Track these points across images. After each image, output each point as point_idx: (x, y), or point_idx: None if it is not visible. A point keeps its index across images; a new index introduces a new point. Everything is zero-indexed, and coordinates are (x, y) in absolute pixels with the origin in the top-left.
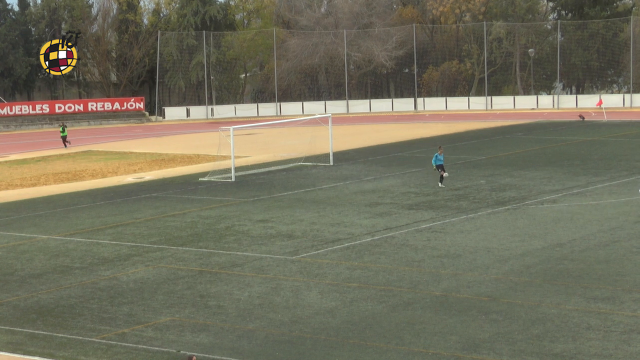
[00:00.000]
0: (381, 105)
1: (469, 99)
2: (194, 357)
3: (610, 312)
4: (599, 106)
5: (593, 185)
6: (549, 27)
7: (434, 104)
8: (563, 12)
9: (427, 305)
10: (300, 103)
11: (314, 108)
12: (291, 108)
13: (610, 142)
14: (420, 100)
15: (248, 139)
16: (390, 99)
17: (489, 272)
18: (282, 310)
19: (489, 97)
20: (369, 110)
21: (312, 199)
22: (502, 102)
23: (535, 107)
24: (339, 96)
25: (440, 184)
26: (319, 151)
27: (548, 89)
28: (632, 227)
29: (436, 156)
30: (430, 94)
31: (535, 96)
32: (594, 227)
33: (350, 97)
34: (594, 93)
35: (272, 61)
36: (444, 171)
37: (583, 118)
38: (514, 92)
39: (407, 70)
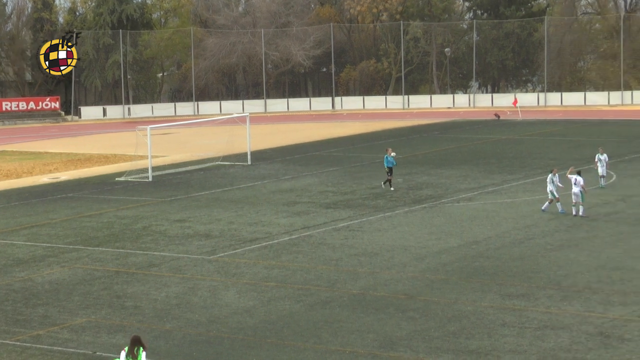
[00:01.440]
0: (299, 104)
1: (386, 98)
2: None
3: (524, 308)
4: (514, 106)
5: (508, 183)
6: (465, 26)
7: (352, 103)
8: (479, 12)
9: (345, 304)
10: (218, 102)
11: (232, 107)
12: (209, 107)
13: (525, 141)
14: (337, 99)
15: (165, 138)
16: (308, 98)
17: (406, 270)
18: (200, 310)
19: (406, 96)
20: (286, 110)
21: (230, 199)
22: (419, 101)
23: (452, 105)
24: (256, 95)
25: (383, 185)
26: (237, 150)
27: (464, 88)
28: (546, 224)
29: (386, 157)
30: (347, 93)
31: (452, 95)
32: (509, 224)
33: (268, 96)
34: (509, 92)
35: (190, 60)
36: (391, 175)
37: (498, 117)
38: (431, 91)
39: (324, 70)
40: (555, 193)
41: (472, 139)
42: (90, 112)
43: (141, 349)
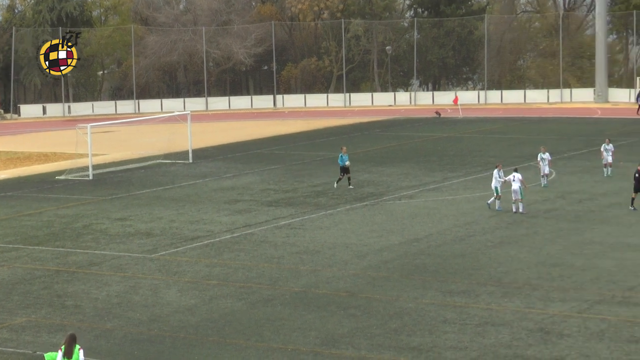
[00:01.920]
0: (240, 102)
1: (327, 96)
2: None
3: (465, 305)
4: (455, 103)
5: (449, 181)
6: (406, 24)
7: (293, 101)
8: (419, 10)
9: (287, 302)
10: (159, 100)
11: (173, 105)
12: (150, 105)
13: (465, 138)
14: (279, 97)
15: (106, 136)
16: (250, 96)
17: (348, 268)
18: (141, 309)
19: (347, 94)
20: (228, 108)
21: (171, 197)
22: (360, 99)
23: (393, 103)
24: (198, 93)
25: (351, 186)
26: (178, 148)
27: (405, 86)
28: (486, 221)
29: (341, 156)
30: (289, 91)
31: (393, 93)
32: (449, 222)
33: (210, 95)
34: (449, 90)
35: (130, 58)
36: (348, 173)
37: (439, 114)
38: (372, 89)
39: (266, 68)
40: (499, 189)
41: (413, 137)
42: (29, 111)
43: (78, 347)
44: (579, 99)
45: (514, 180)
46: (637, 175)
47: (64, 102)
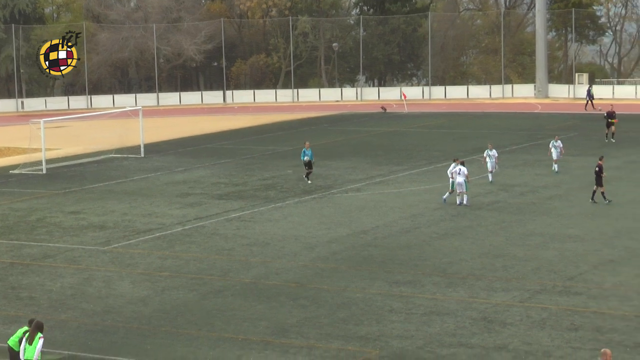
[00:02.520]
0: (191, 97)
1: (276, 91)
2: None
3: (411, 295)
4: (404, 99)
5: (395, 174)
6: (352, 22)
7: (243, 96)
8: (365, 8)
9: (238, 293)
10: (111, 96)
11: (125, 101)
12: (102, 101)
13: (410, 133)
14: (229, 92)
15: (59, 131)
16: (200, 92)
17: (297, 259)
18: (95, 300)
19: (295, 90)
20: (179, 103)
21: (124, 190)
22: (308, 95)
23: (340, 99)
24: (149, 89)
25: (309, 181)
26: (130, 143)
27: (352, 82)
28: (431, 213)
29: (304, 151)
30: (238, 86)
31: (340, 89)
32: (396, 214)
33: (161, 90)
34: (395, 86)
35: (83, 55)
36: (310, 168)
37: (385, 109)
38: (319, 85)
39: (216, 64)
40: (455, 184)
41: (360, 132)
42: None
43: (40, 335)
44: (520, 95)
45: (459, 174)
46: (597, 169)
47: (17, 97)
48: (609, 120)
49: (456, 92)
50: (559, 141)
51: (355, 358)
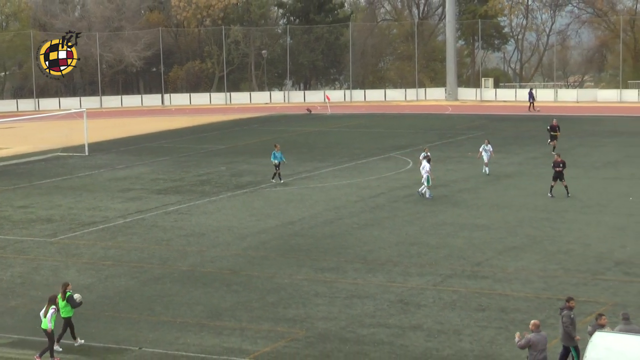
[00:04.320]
0: (132, 100)
1: (210, 94)
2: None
3: (335, 280)
4: (328, 100)
5: (319, 170)
6: (280, 31)
7: (180, 99)
8: (292, 18)
9: (176, 279)
10: (57, 99)
11: (70, 103)
12: (49, 103)
13: (333, 132)
14: (167, 96)
15: (8, 132)
16: (140, 95)
17: (230, 249)
18: (42, 288)
19: (228, 93)
20: (120, 105)
21: (70, 186)
22: (240, 98)
23: (269, 101)
24: (93, 92)
25: (273, 180)
26: (75, 142)
27: (279, 86)
28: (353, 205)
29: (273, 153)
30: (176, 90)
31: (269, 92)
32: (320, 206)
33: (104, 94)
34: (319, 89)
35: (31, 60)
36: (279, 169)
37: (310, 111)
38: (250, 89)
39: (154, 69)
40: (429, 180)
41: (287, 131)
42: None
43: (52, 307)
44: (432, 97)
45: (422, 168)
46: (554, 165)
47: None
48: (552, 133)
49: (375, 95)
50: (490, 145)
51: (284, 338)
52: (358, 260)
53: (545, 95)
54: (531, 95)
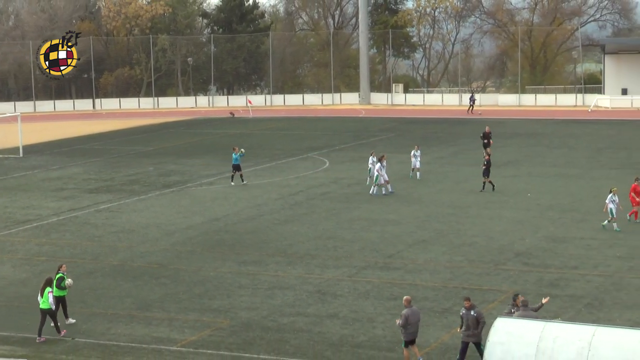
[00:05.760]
0: (64, 105)
1: (139, 99)
2: None
3: (257, 273)
4: (250, 104)
5: (242, 170)
6: (204, 40)
7: (110, 104)
8: (215, 28)
9: (107, 274)
10: None
11: (5, 108)
12: None
13: (255, 134)
14: (98, 100)
15: None
16: (72, 100)
17: (159, 244)
18: None
19: (156, 98)
20: (53, 110)
21: (4, 186)
22: (167, 102)
23: (194, 106)
24: (27, 97)
25: (233, 182)
26: (10, 145)
27: (204, 91)
28: (273, 203)
29: (234, 155)
30: (106, 95)
31: (194, 97)
32: (243, 204)
33: (37, 99)
34: (241, 94)
35: None
36: (239, 170)
37: (233, 115)
38: (177, 94)
39: (86, 76)
40: (385, 177)
41: (212, 134)
42: None
43: (48, 289)
44: (347, 101)
45: (370, 164)
46: (485, 162)
47: None
48: (484, 141)
49: (293, 100)
50: (419, 151)
51: (209, 327)
52: (278, 254)
53: (450, 100)
54: (472, 100)
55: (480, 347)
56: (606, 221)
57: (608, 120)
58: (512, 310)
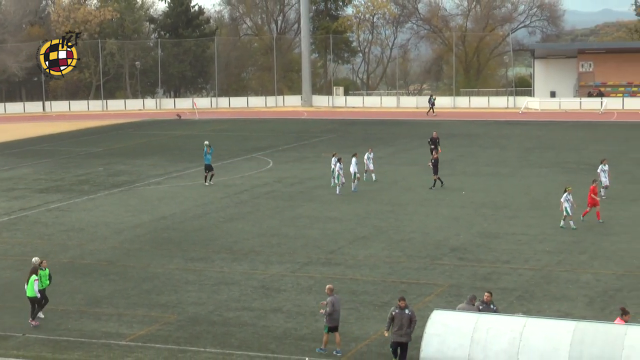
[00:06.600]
0: (15, 107)
1: (88, 102)
2: None
3: (203, 269)
4: (195, 106)
5: (189, 170)
6: (152, 44)
7: (60, 106)
8: (162, 32)
9: (57, 271)
10: None
11: None
12: None
13: (201, 136)
14: (48, 103)
15: None
16: (23, 103)
17: (108, 242)
18: None
19: (105, 101)
20: (4, 112)
21: None
22: (116, 105)
23: (142, 108)
24: None
25: (209, 183)
26: None
27: (152, 94)
28: (219, 201)
29: (205, 155)
30: (56, 98)
31: (142, 99)
32: (190, 203)
33: None
34: (188, 97)
35: None
36: (212, 170)
37: (180, 116)
38: (125, 96)
39: (36, 79)
40: (357, 174)
41: (159, 135)
42: None
43: (34, 277)
44: (290, 104)
45: (333, 164)
46: (432, 161)
47: None
48: (432, 146)
49: (238, 102)
50: (372, 154)
51: (158, 322)
52: (224, 251)
53: (388, 102)
54: (431, 102)
55: (406, 349)
56: (562, 221)
57: (537, 121)
58: (480, 307)
